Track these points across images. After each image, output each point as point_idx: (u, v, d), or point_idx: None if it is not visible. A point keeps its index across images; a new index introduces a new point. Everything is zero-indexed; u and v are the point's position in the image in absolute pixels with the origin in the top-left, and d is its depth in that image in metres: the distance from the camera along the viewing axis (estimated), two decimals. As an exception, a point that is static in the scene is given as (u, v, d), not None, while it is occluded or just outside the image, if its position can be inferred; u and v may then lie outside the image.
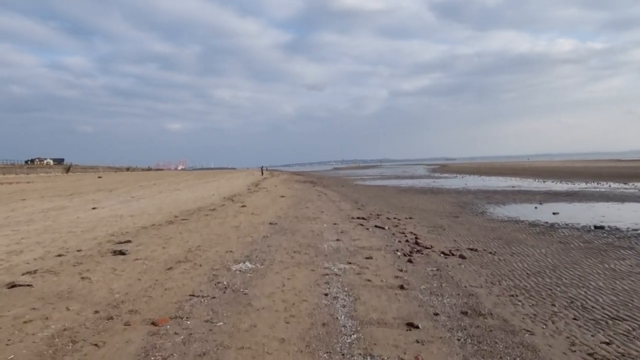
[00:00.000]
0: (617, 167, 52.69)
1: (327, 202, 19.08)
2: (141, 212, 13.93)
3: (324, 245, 8.93)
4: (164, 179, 49.42)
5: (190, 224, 11.45)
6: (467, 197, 22.17)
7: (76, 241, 8.73)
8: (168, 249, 8.06)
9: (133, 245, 8.37)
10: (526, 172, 53.06)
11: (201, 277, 6.20)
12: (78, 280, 5.81)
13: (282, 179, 49.37)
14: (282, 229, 10.87)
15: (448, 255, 8.34)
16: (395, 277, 6.54)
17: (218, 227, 10.87)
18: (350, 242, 9.29)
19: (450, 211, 16.13)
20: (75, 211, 13.91)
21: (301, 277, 6.36)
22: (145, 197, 20.22)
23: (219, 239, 9.22)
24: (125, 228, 10.57)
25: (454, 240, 10.07)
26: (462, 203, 19.00)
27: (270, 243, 8.99)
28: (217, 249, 8.24)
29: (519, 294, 5.90)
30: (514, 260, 7.99)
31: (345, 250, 8.49)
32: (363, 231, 10.96)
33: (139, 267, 6.69)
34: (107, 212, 13.67)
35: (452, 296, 5.70)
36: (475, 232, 11.16)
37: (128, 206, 15.78)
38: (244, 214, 13.90)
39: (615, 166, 57.87)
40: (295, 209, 15.76)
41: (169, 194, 22.61)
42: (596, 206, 16.91)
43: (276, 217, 13.18)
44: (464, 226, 12.27)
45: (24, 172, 77.51)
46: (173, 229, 10.57)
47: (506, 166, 79.31)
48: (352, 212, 15.51)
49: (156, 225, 11.18)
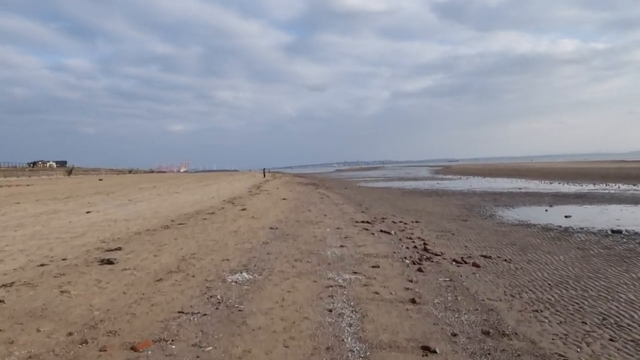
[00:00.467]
0: (624, 168, 51.93)
1: (330, 205, 18.53)
2: (137, 216, 13.40)
3: (327, 252, 8.38)
4: (165, 181, 48.94)
5: (187, 229, 10.91)
6: (473, 199, 21.57)
7: (63, 248, 8.19)
8: (160, 257, 7.52)
9: (123, 253, 7.83)
10: (531, 173, 52.35)
11: (193, 290, 5.65)
12: (56, 295, 5.27)
13: (284, 181, 48.84)
14: (283, 234, 10.32)
15: (460, 263, 7.77)
16: (405, 289, 5.98)
17: (216, 233, 10.33)
18: (355, 249, 8.74)
19: (458, 214, 15.55)
20: (68, 215, 13.39)
21: (303, 290, 5.81)
22: (143, 200, 19.70)
23: (216, 246, 8.67)
24: (118, 234, 10.03)
25: (464, 246, 9.50)
26: (469, 205, 18.41)
27: (270, 250, 8.44)
28: (212, 256, 7.70)
29: (543, 308, 5.33)
30: (531, 268, 7.41)
31: (350, 257, 7.93)
32: (368, 236, 10.40)
33: (126, 278, 6.15)
34: (101, 217, 13.15)
35: (470, 312, 5.13)
36: (486, 237, 10.58)
37: (124, 210, 15.26)
38: (243, 217, 13.36)
39: (622, 167, 57.10)
40: (297, 213, 15.22)
41: (168, 197, 22.09)
42: (609, 209, 16.30)
43: (277, 221, 12.64)
44: (473, 230, 11.69)
45: (25, 175, 77.27)
46: (168, 234, 10.03)
47: (510, 167, 78.59)
48: (356, 215, 14.96)
49: (151, 230, 10.65)
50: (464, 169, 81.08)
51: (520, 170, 63.73)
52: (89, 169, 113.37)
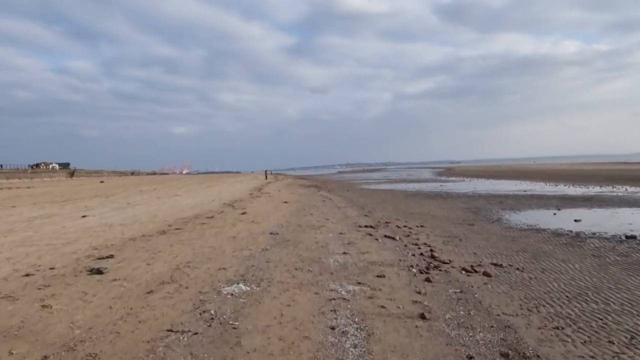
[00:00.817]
0: (629, 170, 51.36)
1: (332, 209, 18.12)
2: (133, 220, 13.02)
3: (330, 260, 7.96)
4: (166, 183, 48.60)
5: (184, 234, 10.51)
6: (478, 202, 21.13)
7: (52, 256, 7.80)
8: (153, 266, 7.12)
9: (114, 261, 7.43)
10: (535, 175, 51.83)
11: (185, 304, 5.24)
12: (37, 310, 4.88)
13: (286, 183, 48.46)
14: (283, 240, 9.92)
15: (470, 272, 7.35)
16: (413, 302, 5.56)
17: (213, 238, 9.93)
18: (358, 256, 8.33)
19: (464, 218, 15.12)
20: (62, 220, 13.01)
21: (303, 303, 5.40)
22: (142, 203, 19.33)
23: (213, 253, 8.27)
24: (112, 240, 9.64)
25: (473, 253, 9.07)
26: (475, 209, 17.97)
27: (269, 257, 8.04)
28: (209, 265, 7.29)
29: (564, 325, 4.91)
30: (547, 278, 6.98)
31: (354, 266, 7.52)
32: (372, 242, 9.99)
33: (114, 290, 5.75)
34: (97, 221, 12.77)
35: (485, 329, 4.71)
36: (495, 243, 10.15)
37: (121, 213, 14.88)
38: (243, 222, 12.96)
39: (627, 169, 56.52)
40: (298, 216, 14.82)
41: (168, 199, 21.71)
42: (619, 212, 15.85)
43: (278, 226, 12.23)
44: (481, 236, 11.26)
45: (27, 177, 77.08)
46: (164, 240, 9.63)
47: (513, 169, 78.02)
48: (359, 219, 14.54)
49: (146, 236, 10.25)
50: (466, 171, 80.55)
51: (524, 172, 63.22)
52: (91, 171, 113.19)
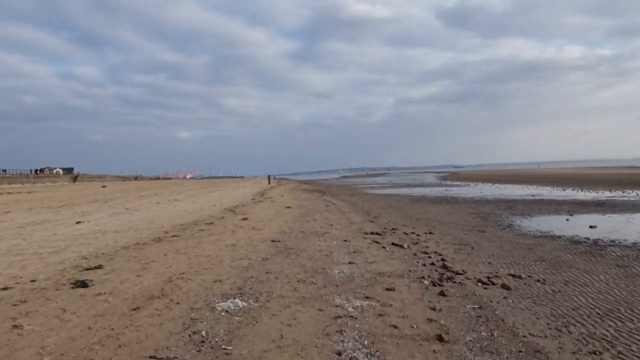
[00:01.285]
0: (637, 175, 50.57)
1: (336, 214, 17.56)
2: (129, 226, 12.50)
3: (335, 270, 7.40)
4: (168, 188, 48.19)
5: (180, 242, 9.97)
6: (487, 207, 20.52)
7: (36, 267, 7.27)
8: (144, 278, 6.58)
9: (102, 272, 6.90)
10: (541, 179, 51.15)
11: (174, 324, 4.69)
12: (6, 331, 4.34)
13: (289, 188, 47.95)
14: (285, 248, 9.36)
15: (487, 284, 6.77)
16: (428, 321, 4.99)
17: (211, 247, 9.39)
18: (365, 266, 7.76)
19: (473, 224, 14.52)
20: (55, 226, 12.50)
21: (306, 322, 4.84)
22: (140, 208, 18.82)
23: (209, 263, 7.72)
24: (103, 248, 9.11)
25: (488, 262, 8.49)
26: (484, 214, 17.37)
27: (269, 268, 7.48)
28: (204, 277, 6.75)
29: (601, 349, 4.33)
30: (571, 292, 6.40)
31: (361, 277, 6.96)
32: (379, 250, 9.42)
33: (97, 306, 5.21)
34: (91, 227, 12.25)
35: (513, 354, 4.14)
36: (510, 252, 9.57)
37: (117, 219, 14.36)
38: (244, 228, 12.42)
39: (635, 173, 55.72)
40: (301, 222, 14.27)
41: (167, 204, 21.21)
42: (635, 218, 15.21)
43: (280, 233, 11.69)
44: (494, 243, 10.67)
45: (30, 182, 76.90)
46: (158, 249, 9.09)
47: (519, 174, 77.28)
48: (364, 225, 13.98)
49: (140, 243, 9.72)
50: (471, 175, 79.90)
51: (529, 176, 62.50)
52: (95, 176, 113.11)
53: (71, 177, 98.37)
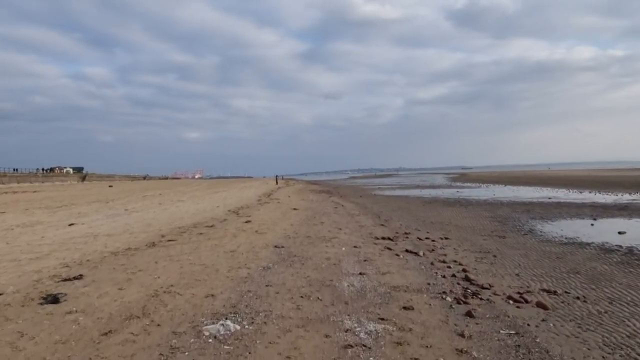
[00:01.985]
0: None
1: (344, 217, 16.70)
2: (124, 229, 11.75)
3: (344, 283, 6.55)
4: (173, 188, 47.62)
5: (175, 247, 9.18)
6: (503, 210, 19.53)
7: (10, 276, 6.50)
8: (126, 292, 5.78)
9: (81, 284, 6.11)
10: (554, 181, 49.80)
11: (148, 355, 3.87)
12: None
13: (296, 188, 47.16)
14: (289, 256, 8.53)
15: (519, 301, 5.88)
16: (457, 353, 4.12)
17: (208, 253, 8.58)
18: (378, 278, 6.90)
19: (492, 229, 13.59)
20: (45, 229, 11.78)
21: (309, 353, 3.99)
22: (141, 209, 18.10)
23: (203, 273, 6.91)
24: (90, 254, 8.34)
25: (515, 274, 7.58)
26: (501, 218, 16.40)
27: (270, 279, 6.65)
28: (195, 290, 5.93)
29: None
30: (621, 312, 5.49)
31: (373, 292, 6.10)
32: (392, 259, 8.55)
33: (63, 329, 4.40)
34: (83, 230, 11.52)
35: (571, 403, 3.26)
36: (538, 262, 8.65)
37: (113, 222, 13.63)
38: (246, 232, 11.61)
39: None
40: (308, 226, 13.43)
41: (169, 205, 20.48)
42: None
43: (284, 237, 10.86)
44: (518, 251, 9.75)
45: (39, 181, 76.99)
46: (150, 255, 8.30)
47: (530, 175, 75.86)
48: (374, 229, 13.10)
49: (132, 249, 8.94)
50: (481, 177, 78.56)
51: (541, 178, 61.16)
52: (103, 175, 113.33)
53: (80, 177, 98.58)
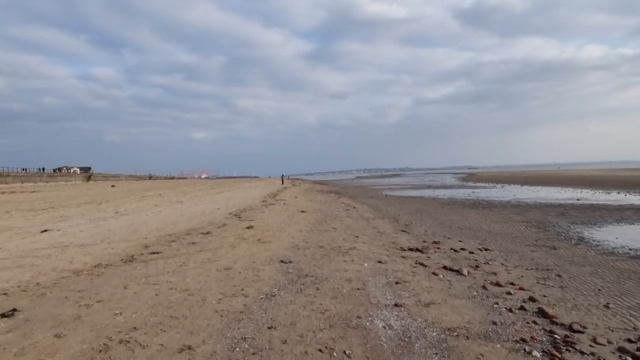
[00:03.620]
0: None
1: (359, 221, 14.84)
2: (104, 237, 9.97)
3: (377, 322, 4.71)
4: (176, 188, 45.97)
5: (157, 263, 7.37)
6: (534, 213, 17.55)
7: None
8: (63, 342, 3.96)
9: (5, 327, 4.31)
10: (572, 181, 47.55)
11: None
12: None
13: (303, 188, 45.33)
14: (298, 275, 6.70)
15: (639, 357, 4.01)
16: None
17: (197, 271, 6.77)
18: (421, 312, 5.05)
19: (533, 236, 11.67)
20: (10, 237, 9.99)
21: None
22: (133, 212, 16.34)
23: (184, 305, 5.09)
24: (46, 273, 6.54)
25: (603, 305, 5.68)
26: (537, 223, 14.46)
27: (275, 316, 4.82)
28: (166, 337, 4.11)
29: None
30: None
31: (422, 339, 4.25)
32: (431, 280, 6.69)
33: None
34: (54, 239, 9.74)
35: None
36: (618, 283, 6.74)
37: (95, 227, 11.85)
38: (247, 241, 9.80)
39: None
40: (319, 232, 11.59)
41: (165, 207, 18.71)
42: None
43: (292, 248, 9.04)
44: (583, 268, 7.85)
45: (43, 181, 75.91)
46: (121, 276, 6.49)
47: (543, 175, 73.55)
48: (397, 237, 11.24)
49: (102, 265, 7.14)
50: (492, 177, 76.32)
51: (557, 178, 58.90)
52: (109, 175, 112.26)
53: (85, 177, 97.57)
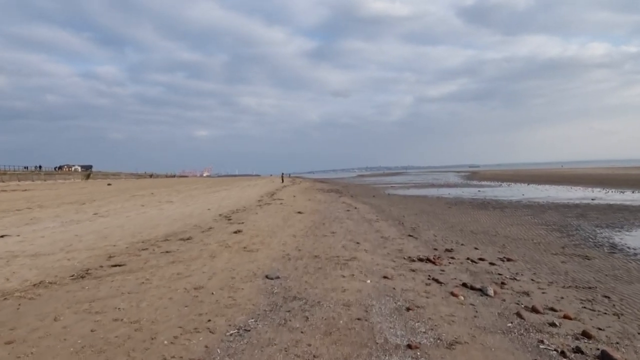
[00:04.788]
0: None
1: (361, 223, 13.48)
2: (64, 245, 8.64)
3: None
4: (172, 187, 44.65)
5: (113, 280, 6.02)
6: (550, 215, 16.16)
7: None
8: None
9: None
10: (581, 180, 46.07)
11: None
12: None
13: (303, 187, 43.99)
14: (285, 298, 5.36)
15: None
16: None
17: (160, 292, 5.43)
18: (443, 358, 3.71)
19: (558, 242, 10.30)
20: (-44, 244, 8.71)
21: None
22: (114, 213, 15.01)
23: (123, 349, 3.74)
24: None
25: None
26: (557, 226, 13.08)
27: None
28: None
29: None
30: None
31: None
32: (450, 304, 5.33)
33: None
34: (6, 247, 8.37)
35: None
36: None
37: (61, 232, 10.52)
38: (231, 249, 8.47)
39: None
40: (315, 238, 10.26)
41: (152, 208, 17.37)
42: None
43: (281, 258, 7.71)
44: (632, 286, 6.48)
45: (41, 179, 74.86)
46: (59, 300, 5.14)
47: (548, 173, 72.05)
48: (403, 242, 9.88)
49: (44, 284, 5.80)
50: (496, 175, 74.85)
51: (565, 176, 57.43)
52: (109, 173, 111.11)
53: (84, 175, 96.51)
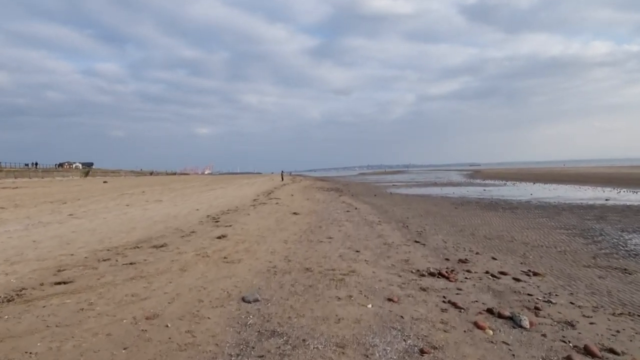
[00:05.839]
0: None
1: (361, 226, 12.21)
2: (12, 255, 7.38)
3: None
4: (167, 185, 43.44)
5: (45, 306, 4.76)
6: (566, 217, 14.87)
7: None
8: None
9: None
10: (588, 179, 44.76)
11: None
12: None
13: (303, 185, 42.75)
14: (260, 333, 4.10)
15: None
16: None
17: (99, 323, 4.19)
18: None
19: (586, 251, 9.02)
20: None
21: None
22: (91, 214, 13.77)
23: None
24: None
25: None
26: (578, 230, 11.80)
27: None
28: None
29: None
30: None
31: None
32: (475, 340, 4.07)
33: None
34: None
35: None
36: None
37: (18, 238, 9.26)
38: (208, 259, 7.23)
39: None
40: (308, 244, 9.01)
41: (136, 208, 16.13)
42: None
43: (266, 272, 6.46)
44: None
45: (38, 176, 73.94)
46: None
47: (552, 172, 70.79)
48: (409, 251, 8.61)
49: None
50: (500, 174, 73.59)
51: (570, 175, 56.15)
52: (108, 171, 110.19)
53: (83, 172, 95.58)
